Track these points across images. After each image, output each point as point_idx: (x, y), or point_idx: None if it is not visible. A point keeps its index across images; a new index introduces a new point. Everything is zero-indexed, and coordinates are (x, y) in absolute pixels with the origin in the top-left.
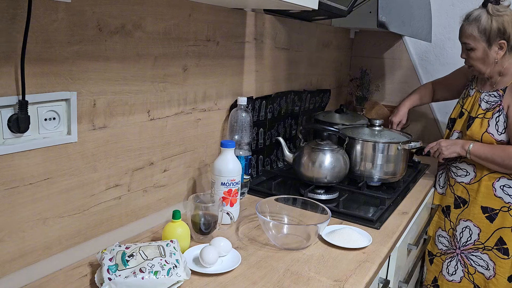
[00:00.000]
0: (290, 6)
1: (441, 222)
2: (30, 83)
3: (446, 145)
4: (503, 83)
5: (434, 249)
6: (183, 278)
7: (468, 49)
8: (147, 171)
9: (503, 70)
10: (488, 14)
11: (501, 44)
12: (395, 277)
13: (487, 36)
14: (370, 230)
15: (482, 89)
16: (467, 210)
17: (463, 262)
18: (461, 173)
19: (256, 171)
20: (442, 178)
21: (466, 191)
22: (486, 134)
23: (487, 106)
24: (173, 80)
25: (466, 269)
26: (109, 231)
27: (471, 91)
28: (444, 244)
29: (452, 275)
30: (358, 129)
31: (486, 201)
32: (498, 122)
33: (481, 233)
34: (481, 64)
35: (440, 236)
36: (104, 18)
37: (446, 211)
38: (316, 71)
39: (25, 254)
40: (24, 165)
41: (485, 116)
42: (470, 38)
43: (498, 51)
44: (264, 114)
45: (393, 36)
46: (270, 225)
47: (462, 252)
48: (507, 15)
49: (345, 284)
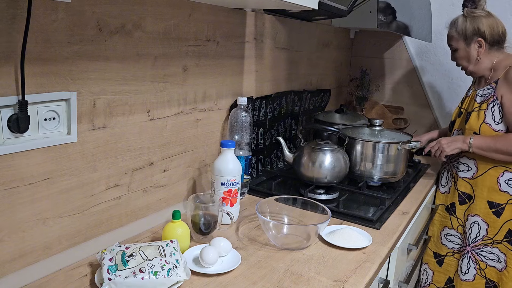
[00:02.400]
0: (290, 6)
1: (446, 221)
2: (30, 83)
3: (446, 142)
4: (496, 77)
5: (442, 250)
6: (183, 278)
7: (453, 50)
8: (147, 171)
9: (494, 66)
10: (464, 16)
11: (479, 41)
12: (395, 277)
13: (464, 35)
14: (370, 230)
15: (478, 87)
16: (473, 205)
17: (474, 259)
18: (463, 168)
19: (256, 171)
20: (444, 177)
21: (470, 186)
22: (484, 125)
23: (481, 99)
24: (173, 80)
25: (478, 266)
26: (109, 231)
27: (469, 92)
28: (455, 242)
29: (466, 274)
30: (358, 129)
31: (492, 196)
32: (494, 113)
33: (489, 228)
34: (466, 62)
35: (448, 234)
36: (104, 18)
37: (451, 208)
38: (316, 71)
39: (25, 254)
40: (24, 165)
41: (480, 108)
42: (452, 40)
43: (478, 49)
44: (264, 114)
45: (393, 36)
46: (270, 225)
47: (472, 248)
48: (483, 17)
49: (345, 284)
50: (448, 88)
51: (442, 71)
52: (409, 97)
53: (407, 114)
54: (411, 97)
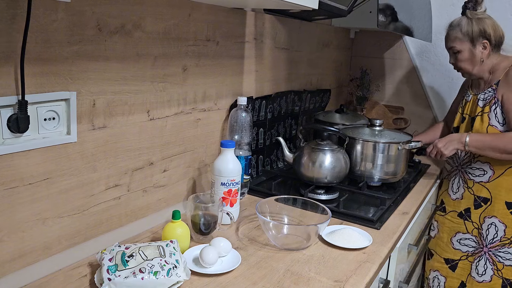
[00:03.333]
0: (290, 6)
1: (460, 227)
2: (30, 83)
3: (443, 145)
4: (496, 79)
5: (455, 255)
6: (183, 278)
7: (455, 52)
8: (147, 171)
9: (493, 68)
10: (468, 18)
11: (484, 44)
12: (395, 277)
13: (470, 36)
14: (371, 230)
15: (478, 91)
16: (491, 207)
17: (491, 260)
18: (479, 172)
19: (256, 171)
20: (455, 184)
21: (487, 189)
22: (491, 128)
23: (483, 103)
24: (173, 80)
25: (495, 267)
26: (109, 231)
27: (468, 97)
28: (470, 245)
29: (482, 275)
30: (358, 129)
31: (510, 197)
32: (497, 114)
33: (507, 229)
34: (469, 64)
35: (462, 239)
36: (103, 18)
37: (465, 214)
38: (316, 71)
39: (24, 254)
40: (24, 165)
41: (483, 111)
42: (456, 41)
43: (483, 51)
44: (264, 114)
45: (393, 36)
46: (270, 225)
47: (490, 250)
48: (486, 19)
49: (345, 285)
50: (448, 88)
51: (442, 71)
52: (409, 97)
53: (407, 114)
54: (411, 97)
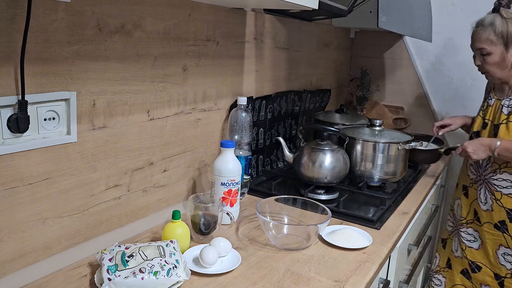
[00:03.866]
0: (290, 5)
1: (500, 239)
2: (30, 83)
3: (472, 150)
4: None
5: (501, 271)
6: (183, 278)
7: (484, 54)
8: (147, 171)
9: None
10: (502, 18)
11: None
12: (395, 277)
13: (505, 39)
14: (371, 230)
15: (502, 96)
16: None
17: None
18: (506, 184)
19: (256, 171)
20: (482, 194)
21: None
22: None
23: (509, 110)
24: (173, 80)
25: None
26: (109, 231)
27: (491, 101)
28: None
29: None
30: (358, 129)
31: None
32: None
33: None
34: (497, 68)
35: (506, 254)
36: (103, 18)
37: (501, 226)
38: (316, 71)
39: (24, 254)
40: (24, 165)
41: (508, 119)
42: (487, 43)
43: None
44: (264, 114)
45: (393, 36)
46: (270, 225)
47: None
48: None
49: (345, 285)
50: (448, 88)
51: (442, 71)
52: (409, 97)
53: (407, 114)
54: (411, 97)
